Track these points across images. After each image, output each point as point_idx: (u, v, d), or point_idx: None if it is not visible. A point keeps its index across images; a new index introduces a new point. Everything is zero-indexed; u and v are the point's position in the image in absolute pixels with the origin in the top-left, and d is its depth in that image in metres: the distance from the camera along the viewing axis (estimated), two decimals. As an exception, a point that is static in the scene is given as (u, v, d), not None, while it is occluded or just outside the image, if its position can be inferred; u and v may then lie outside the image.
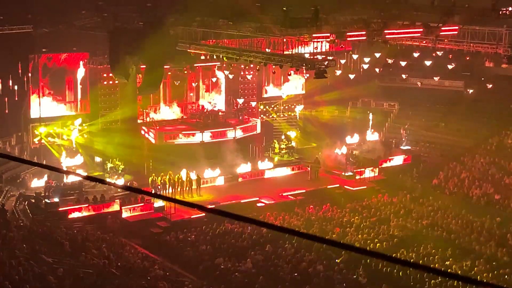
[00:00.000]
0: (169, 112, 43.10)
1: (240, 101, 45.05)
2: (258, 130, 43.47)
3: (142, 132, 40.73)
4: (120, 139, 39.33)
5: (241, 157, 39.93)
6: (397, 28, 34.02)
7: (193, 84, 43.94)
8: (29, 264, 20.92)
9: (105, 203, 33.40)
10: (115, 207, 33.48)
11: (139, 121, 41.07)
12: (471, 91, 48.99)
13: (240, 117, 43.43)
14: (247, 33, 35.08)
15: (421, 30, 34.51)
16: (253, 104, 45.95)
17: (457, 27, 35.63)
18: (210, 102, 43.79)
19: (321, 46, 35.05)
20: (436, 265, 26.93)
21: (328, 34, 31.70)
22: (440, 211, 34.32)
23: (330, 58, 32.64)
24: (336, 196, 37.46)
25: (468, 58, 41.59)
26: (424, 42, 38.56)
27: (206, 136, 40.37)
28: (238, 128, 41.79)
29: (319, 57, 32.89)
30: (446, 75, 48.20)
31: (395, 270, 25.71)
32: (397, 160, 42.94)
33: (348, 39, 33.74)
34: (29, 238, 26.21)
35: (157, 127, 40.68)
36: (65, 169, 36.29)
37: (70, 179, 35.12)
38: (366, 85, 48.35)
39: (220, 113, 43.13)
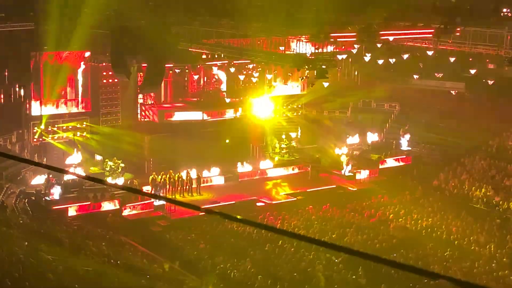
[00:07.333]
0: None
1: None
2: None
3: (142, 113, 40.91)
4: (120, 137, 39.35)
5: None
6: (399, 29, 33.99)
7: (194, 83, 43.89)
8: (29, 261, 20.93)
9: (106, 201, 33.43)
10: (115, 205, 33.51)
11: (139, 101, 41.14)
12: (472, 92, 48.88)
13: (241, 98, 43.67)
14: (249, 33, 35.06)
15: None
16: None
17: (459, 29, 35.63)
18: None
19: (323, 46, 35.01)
20: (436, 266, 26.93)
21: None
22: (440, 212, 34.33)
23: (330, 58, 32.63)
24: (336, 196, 37.48)
25: (471, 59, 41.54)
26: (424, 43, 38.53)
27: (206, 115, 40.50)
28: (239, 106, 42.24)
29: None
30: (447, 76, 48.12)
31: (393, 271, 25.69)
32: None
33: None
34: (29, 235, 26.21)
35: (157, 105, 41.13)
36: (65, 166, 36.27)
37: (70, 176, 35.09)
38: (369, 88, 48.30)
39: (221, 92, 43.26)
